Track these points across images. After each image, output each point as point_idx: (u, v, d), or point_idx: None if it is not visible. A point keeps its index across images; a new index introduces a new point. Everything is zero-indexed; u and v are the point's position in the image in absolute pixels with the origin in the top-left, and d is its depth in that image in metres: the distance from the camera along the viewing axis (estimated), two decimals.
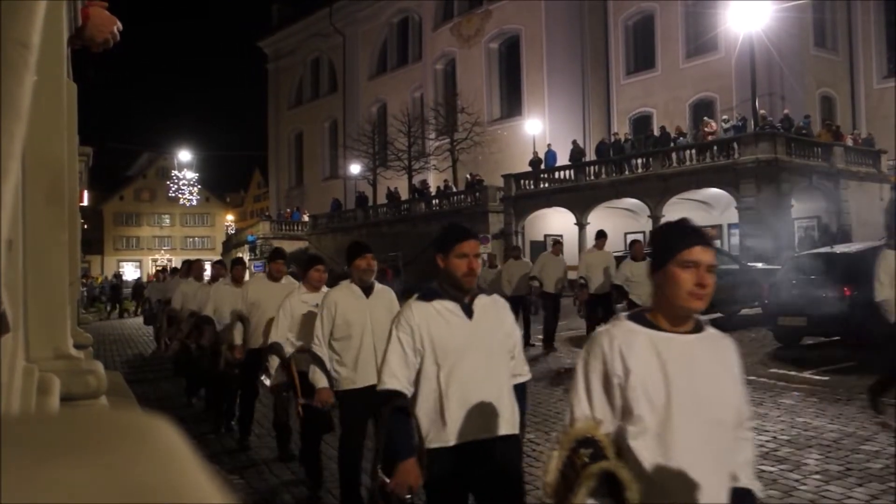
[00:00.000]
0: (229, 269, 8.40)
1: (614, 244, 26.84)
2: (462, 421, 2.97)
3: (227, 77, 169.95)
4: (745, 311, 15.01)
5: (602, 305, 11.59)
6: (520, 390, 3.21)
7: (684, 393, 2.04)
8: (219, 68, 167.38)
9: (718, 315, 15.10)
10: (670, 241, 2.16)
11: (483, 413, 2.99)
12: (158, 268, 44.76)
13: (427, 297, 3.08)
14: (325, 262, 5.86)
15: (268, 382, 5.67)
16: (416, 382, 3.03)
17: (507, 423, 3.06)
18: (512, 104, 39.71)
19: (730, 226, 26.44)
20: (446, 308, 3.04)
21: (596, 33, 36.92)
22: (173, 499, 0.33)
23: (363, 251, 4.75)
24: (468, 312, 3.05)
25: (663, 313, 2.16)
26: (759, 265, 16.58)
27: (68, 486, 0.31)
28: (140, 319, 22.32)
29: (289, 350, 5.40)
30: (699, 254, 2.10)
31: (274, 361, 5.43)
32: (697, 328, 2.18)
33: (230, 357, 6.91)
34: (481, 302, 3.12)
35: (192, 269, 10.29)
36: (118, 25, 2.70)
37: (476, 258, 3.09)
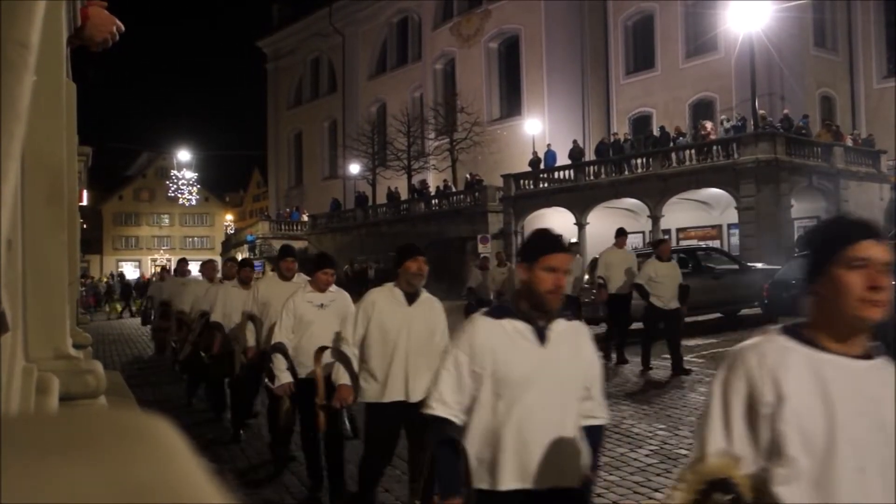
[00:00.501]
0: (237, 269, 8.17)
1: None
2: (518, 464, 2.58)
3: (227, 77, 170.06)
4: (745, 311, 15.01)
5: (622, 306, 11.14)
6: (594, 435, 2.76)
7: (851, 433, 1.67)
8: (218, 68, 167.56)
9: (718, 315, 15.11)
10: (833, 239, 1.77)
11: (545, 458, 2.58)
12: (159, 267, 44.73)
13: (496, 314, 2.69)
14: (335, 266, 5.66)
15: (271, 385, 5.45)
16: (470, 411, 2.64)
17: (573, 474, 2.65)
18: (511, 104, 39.71)
19: (729, 226, 26.45)
20: (516, 329, 2.62)
21: (596, 33, 36.91)
22: (172, 498, 0.33)
23: (415, 252, 4.35)
24: (542, 337, 2.62)
25: (827, 329, 1.78)
26: (759, 265, 16.60)
27: (67, 485, 0.31)
28: (138, 319, 22.05)
29: (291, 353, 5.28)
30: (870, 249, 1.72)
31: (278, 362, 5.26)
32: (867, 353, 1.79)
33: (245, 360, 6.69)
34: (559, 327, 2.68)
35: (204, 269, 10.06)
36: (118, 25, 2.70)
37: (565, 274, 2.66)
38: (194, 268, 12.73)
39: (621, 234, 11.60)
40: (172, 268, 18.20)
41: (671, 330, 9.98)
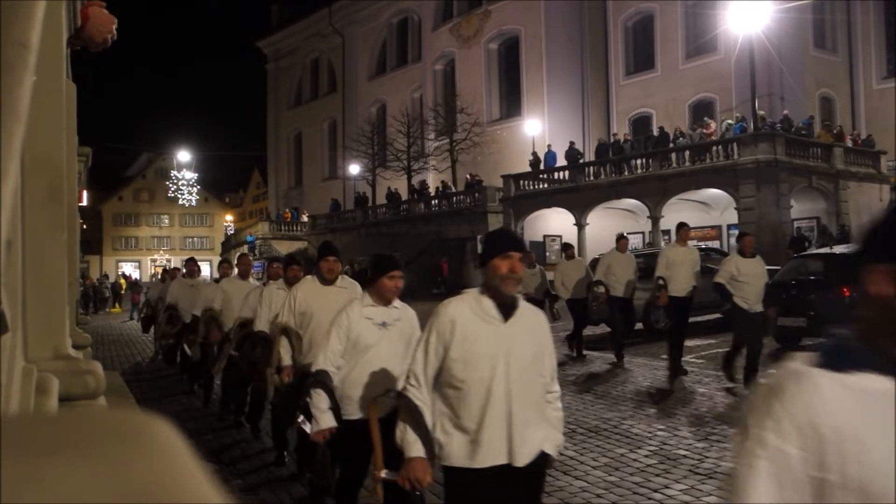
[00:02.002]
0: (283, 268, 6.98)
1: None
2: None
3: (227, 77, 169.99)
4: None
5: (623, 308, 11.16)
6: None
7: None
8: (218, 68, 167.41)
9: (718, 316, 15.08)
10: None
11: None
12: (160, 267, 44.71)
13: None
14: (403, 268, 4.16)
15: (308, 428, 4.13)
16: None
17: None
18: (511, 105, 39.71)
19: (729, 226, 26.45)
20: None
21: (595, 34, 36.94)
22: (172, 499, 0.33)
23: (511, 245, 2.95)
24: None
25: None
26: None
27: (67, 486, 0.31)
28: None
29: (337, 386, 4.02)
30: None
31: (318, 399, 3.91)
32: None
33: (279, 382, 5.54)
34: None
35: (240, 264, 8.73)
36: (115, 24, 2.70)
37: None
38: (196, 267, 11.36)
39: (622, 238, 11.75)
40: (174, 268, 17.33)
41: (754, 337, 8.77)
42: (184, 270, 11.42)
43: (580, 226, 28.12)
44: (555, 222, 29.90)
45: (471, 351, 2.89)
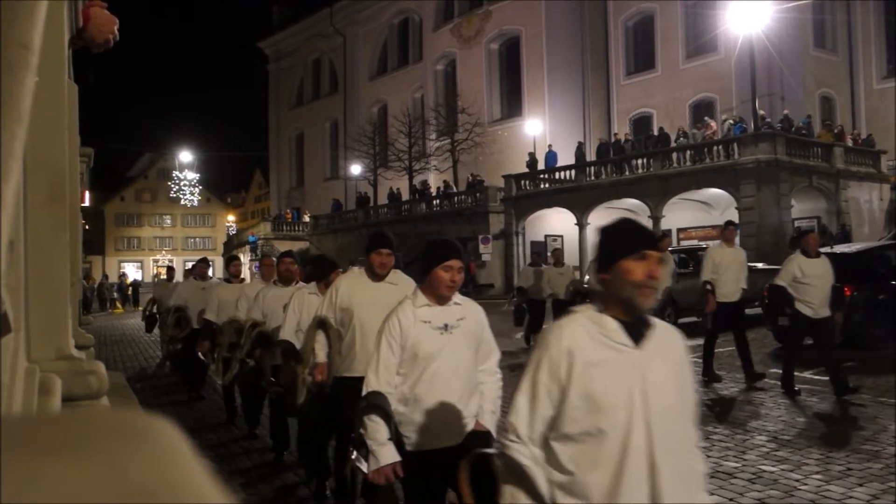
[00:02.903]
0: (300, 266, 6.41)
1: None
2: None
3: (228, 78, 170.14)
4: (745, 311, 14.95)
5: (732, 315, 10.36)
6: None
7: None
8: (219, 69, 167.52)
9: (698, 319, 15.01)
10: None
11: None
12: (163, 268, 44.92)
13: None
14: (463, 256, 3.42)
15: (364, 466, 3.19)
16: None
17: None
18: (512, 105, 39.71)
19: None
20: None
21: (596, 34, 36.93)
22: (174, 499, 0.33)
23: (652, 242, 2.22)
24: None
25: None
26: (760, 265, 16.57)
27: (69, 486, 0.31)
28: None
29: (398, 410, 3.23)
30: None
31: (374, 429, 3.10)
32: None
33: (312, 384, 4.76)
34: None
35: (262, 265, 7.94)
36: (117, 25, 2.71)
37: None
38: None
39: (730, 224, 11.16)
40: (175, 268, 16.93)
41: (820, 345, 8.18)
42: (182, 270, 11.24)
43: (581, 225, 28.12)
44: (556, 222, 29.91)
45: (598, 385, 2.10)
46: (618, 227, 2.27)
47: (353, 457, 3.35)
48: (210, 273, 10.96)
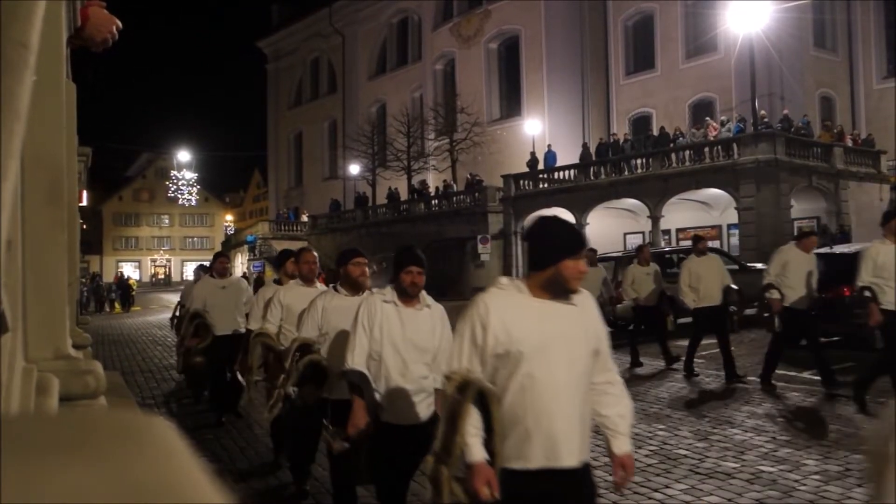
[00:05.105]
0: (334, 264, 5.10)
1: (614, 244, 26.92)
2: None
3: (227, 77, 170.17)
4: (745, 311, 14.98)
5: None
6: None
7: None
8: (218, 68, 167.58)
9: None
10: None
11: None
12: (161, 269, 44.85)
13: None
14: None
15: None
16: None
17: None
18: (511, 104, 39.72)
19: (729, 226, 26.45)
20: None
21: (596, 33, 36.92)
22: (172, 499, 0.33)
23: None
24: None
25: None
26: (759, 265, 16.58)
27: (67, 486, 0.31)
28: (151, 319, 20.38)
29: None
30: None
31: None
32: None
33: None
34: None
35: (285, 262, 6.67)
36: (117, 24, 2.70)
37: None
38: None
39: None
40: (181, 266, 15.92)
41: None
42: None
43: (580, 225, 28.11)
44: None
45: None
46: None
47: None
48: (230, 269, 9.27)
